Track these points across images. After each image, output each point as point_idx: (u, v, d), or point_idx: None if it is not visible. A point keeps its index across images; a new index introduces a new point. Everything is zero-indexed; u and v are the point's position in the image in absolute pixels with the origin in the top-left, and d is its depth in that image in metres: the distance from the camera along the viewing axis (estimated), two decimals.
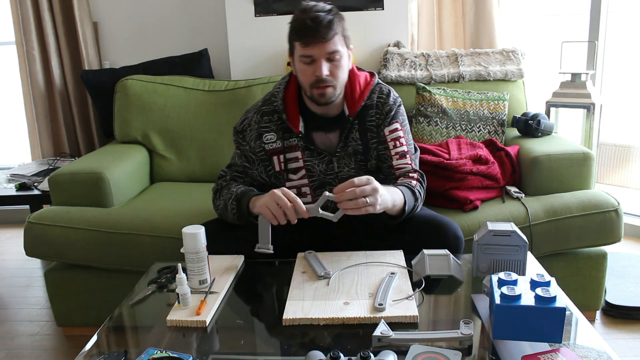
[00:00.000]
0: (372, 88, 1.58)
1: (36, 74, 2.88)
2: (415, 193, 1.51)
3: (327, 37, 1.41)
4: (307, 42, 1.41)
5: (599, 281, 1.92)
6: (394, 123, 1.58)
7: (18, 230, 3.24)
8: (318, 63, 1.44)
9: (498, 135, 2.25)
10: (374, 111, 1.57)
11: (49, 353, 1.99)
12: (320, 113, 1.56)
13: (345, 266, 1.38)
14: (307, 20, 1.40)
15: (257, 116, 1.58)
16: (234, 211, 1.50)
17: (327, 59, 1.44)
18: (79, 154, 2.97)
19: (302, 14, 1.43)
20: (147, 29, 2.95)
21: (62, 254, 1.92)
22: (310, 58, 1.44)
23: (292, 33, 1.46)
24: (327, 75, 1.44)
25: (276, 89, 1.59)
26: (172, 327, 1.15)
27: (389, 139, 1.57)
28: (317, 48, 1.42)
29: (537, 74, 2.85)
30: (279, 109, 1.55)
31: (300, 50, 1.44)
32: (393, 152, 1.57)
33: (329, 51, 1.42)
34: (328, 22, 1.40)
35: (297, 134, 1.55)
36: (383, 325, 1.07)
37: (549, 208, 1.84)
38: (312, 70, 1.45)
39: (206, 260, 1.29)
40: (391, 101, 1.58)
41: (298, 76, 1.52)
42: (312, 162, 1.56)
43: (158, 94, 2.44)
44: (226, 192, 1.55)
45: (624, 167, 2.98)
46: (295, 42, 1.45)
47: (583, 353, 1.00)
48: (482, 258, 1.27)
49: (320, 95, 1.47)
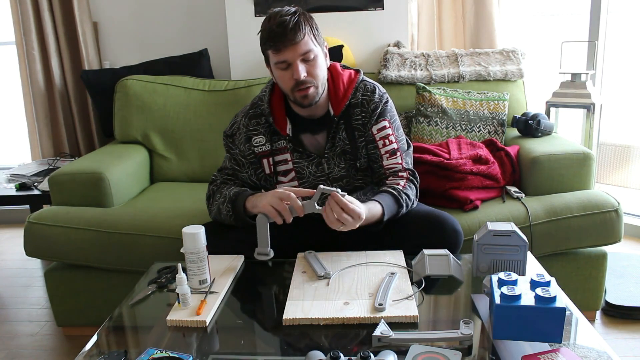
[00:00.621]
0: (355, 86, 1.56)
1: (36, 74, 2.88)
2: (400, 198, 1.50)
3: (296, 39, 1.40)
4: (278, 47, 1.41)
5: (599, 281, 1.92)
6: (381, 121, 1.56)
7: (18, 230, 3.24)
8: (294, 66, 1.43)
9: (498, 135, 2.25)
10: (359, 109, 1.56)
11: (49, 353, 1.99)
12: (306, 115, 1.56)
13: (345, 266, 1.38)
14: (274, 26, 1.40)
15: (246, 120, 1.58)
16: (229, 213, 1.50)
17: (301, 60, 1.43)
18: (79, 154, 2.97)
19: (268, 22, 1.43)
20: (147, 29, 2.95)
21: (62, 254, 1.92)
22: (285, 63, 1.44)
23: (263, 43, 1.46)
24: (305, 76, 1.44)
25: (262, 93, 1.60)
26: (172, 327, 1.15)
27: (377, 137, 1.57)
28: (289, 52, 1.41)
29: (537, 74, 2.85)
30: (265, 112, 1.55)
31: (274, 57, 1.45)
32: (383, 151, 1.57)
33: (302, 52, 1.42)
34: (294, 24, 1.40)
35: (285, 137, 1.55)
36: (383, 325, 1.07)
37: (549, 208, 1.84)
38: (289, 75, 1.45)
39: (206, 260, 1.29)
40: (377, 98, 1.56)
41: (278, 83, 1.52)
42: (301, 164, 1.56)
43: (158, 94, 2.44)
44: (219, 196, 1.55)
45: (624, 167, 2.98)
46: (268, 50, 1.46)
47: (583, 353, 1.00)
48: (482, 258, 1.27)
49: (303, 98, 1.47)
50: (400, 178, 1.56)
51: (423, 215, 1.54)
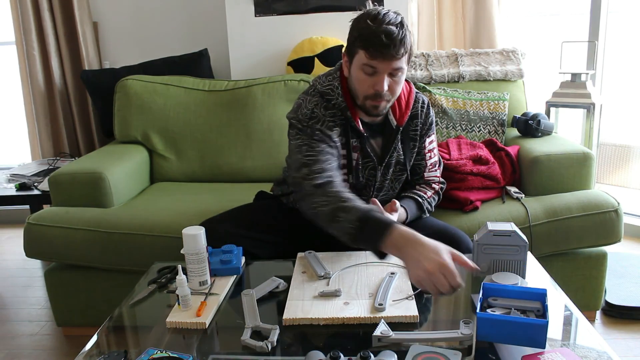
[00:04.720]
0: (415, 97, 1.57)
1: (36, 74, 2.88)
2: (422, 205, 1.56)
3: (397, 55, 1.35)
4: (376, 55, 1.35)
5: (599, 281, 1.92)
6: (432, 135, 1.62)
7: (18, 230, 3.24)
8: (380, 77, 1.38)
9: (498, 135, 2.25)
10: (418, 121, 1.57)
11: (49, 353, 1.99)
12: (367, 119, 1.53)
13: (345, 266, 1.38)
14: (381, 34, 1.32)
15: (321, 110, 1.48)
16: (351, 231, 1.21)
17: (389, 74, 1.39)
18: (79, 154, 2.97)
19: (373, 22, 1.34)
20: (147, 29, 2.95)
21: (62, 254, 1.92)
22: (373, 69, 1.38)
23: (360, 40, 1.37)
24: (386, 90, 1.40)
25: (328, 86, 1.49)
26: (171, 328, 1.15)
27: (426, 149, 1.61)
28: (384, 63, 1.36)
29: (537, 74, 2.85)
30: (342, 106, 1.48)
31: (365, 59, 1.37)
32: (429, 163, 1.62)
33: (395, 67, 1.38)
34: (402, 40, 1.34)
35: (361, 135, 1.50)
36: (383, 325, 1.07)
37: (549, 208, 1.84)
38: (371, 82, 1.40)
39: (206, 261, 1.29)
40: (432, 112, 1.61)
41: (352, 82, 1.45)
42: (356, 163, 1.54)
43: (158, 94, 2.44)
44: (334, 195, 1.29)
45: (624, 167, 2.98)
46: (361, 50, 1.37)
47: (583, 353, 1.00)
48: (482, 258, 1.27)
49: (373, 108, 1.44)
50: (431, 189, 1.62)
51: (437, 231, 1.53)
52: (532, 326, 0.97)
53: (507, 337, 0.99)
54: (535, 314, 1.05)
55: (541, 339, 0.96)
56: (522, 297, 1.09)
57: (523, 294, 1.09)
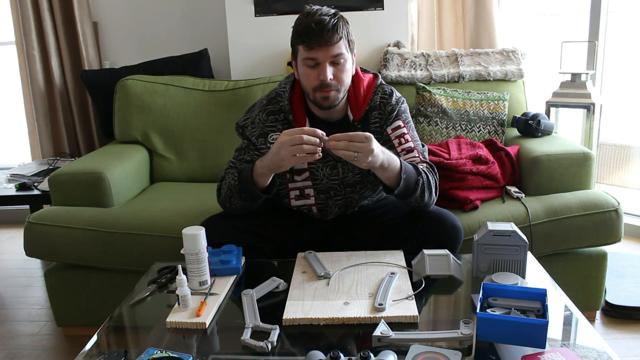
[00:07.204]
0: (374, 90, 1.56)
1: (36, 74, 2.88)
2: (418, 168, 1.47)
3: (332, 41, 1.40)
4: (312, 45, 1.40)
5: (599, 281, 1.92)
6: (396, 121, 1.55)
7: (18, 230, 3.24)
8: (322, 66, 1.42)
9: (498, 135, 2.25)
10: (377, 112, 1.55)
11: (49, 353, 1.99)
12: (323, 117, 1.55)
13: (345, 266, 1.38)
14: (312, 23, 1.39)
15: (263, 115, 1.55)
16: (235, 182, 1.49)
17: (331, 62, 1.42)
18: (79, 154, 2.96)
19: (306, 17, 1.42)
20: (147, 29, 2.95)
21: (62, 254, 1.92)
22: (314, 61, 1.43)
23: (296, 36, 1.44)
24: (331, 79, 1.43)
25: (281, 89, 1.57)
26: (171, 328, 1.15)
27: (392, 137, 1.55)
28: (321, 51, 1.41)
29: (537, 74, 2.85)
30: (285, 109, 1.53)
31: (304, 53, 1.43)
32: (399, 149, 1.53)
33: (333, 54, 1.41)
34: (333, 26, 1.39)
35: None
36: (383, 325, 1.07)
37: (549, 208, 1.84)
38: (315, 74, 1.44)
39: (206, 261, 1.29)
40: (393, 101, 1.56)
41: (301, 80, 1.50)
42: (316, 166, 1.55)
43: (158, 94, 2.44)
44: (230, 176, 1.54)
45: (624, 167, 2.98)
46: (299, 45, 1.44)
47: (583, 353, 1.00)
48: (482, 258, 1.27)
49: (323, 99, 1.46)
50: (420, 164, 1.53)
51: (422, 213, 1.54)
52: (532, 326, 0.97)
53: (507, 337, 0.99)
54: (535, 314, 1.05)
55: (541, 339, 0.96)
56: (522, 297, 1.09)
57: (523, 294, 1.09)
